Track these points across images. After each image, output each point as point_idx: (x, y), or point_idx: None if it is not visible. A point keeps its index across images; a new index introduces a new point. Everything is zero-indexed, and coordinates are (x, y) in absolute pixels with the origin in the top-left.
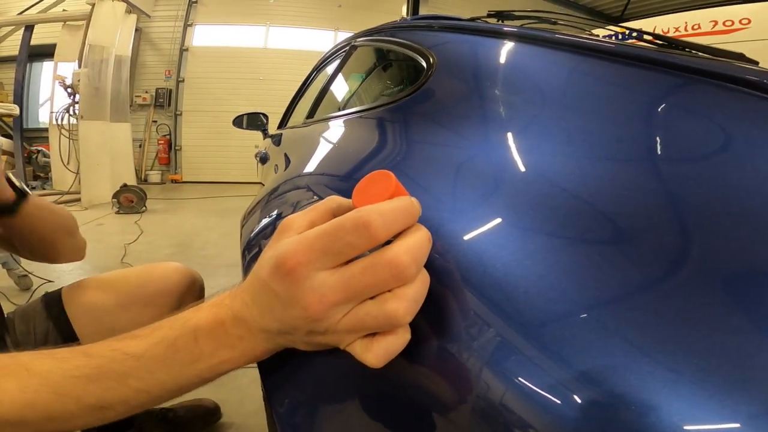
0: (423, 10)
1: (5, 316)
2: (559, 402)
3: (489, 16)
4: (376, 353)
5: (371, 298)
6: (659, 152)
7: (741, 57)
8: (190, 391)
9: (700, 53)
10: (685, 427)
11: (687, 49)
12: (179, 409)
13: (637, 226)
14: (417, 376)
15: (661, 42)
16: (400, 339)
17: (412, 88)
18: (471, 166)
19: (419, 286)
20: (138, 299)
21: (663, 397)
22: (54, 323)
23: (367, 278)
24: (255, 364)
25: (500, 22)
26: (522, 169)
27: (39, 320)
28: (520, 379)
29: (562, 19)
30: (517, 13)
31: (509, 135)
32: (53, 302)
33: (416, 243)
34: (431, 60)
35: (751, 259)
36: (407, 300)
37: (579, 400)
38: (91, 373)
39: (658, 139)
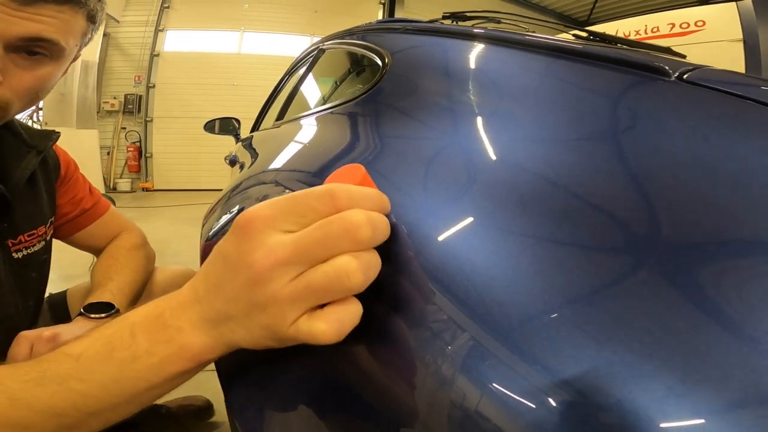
0: (399, 15)
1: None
2: (533, 405)
3: (444, 18)
4: (328, 319)
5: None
6: (617, 143)
7: (668, 50)
8: (146, 402)
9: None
10: (662, 425)
11: (617, 44)
12: (172, 405)
13: (612, 222)
14: (381, 377)
15: (598, 38)
16: (352, 308)
17: (368, 86)
18: (426, 159)
19: (374, 258)
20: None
21: (640, 398)
22: None
23: (319, 233)
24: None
25: (454, 23)
26: (476, 163)
27: (43, 323)
28: (494, 384)
29: (509, 19)
30: (468, 14)
31: (461, 129)
32: (58, 304)
33: (378, 216)
34: (386, 60)
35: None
36: (360, 259)
37: (555, 404)
38: (36, 377)
39: (617, 131)
